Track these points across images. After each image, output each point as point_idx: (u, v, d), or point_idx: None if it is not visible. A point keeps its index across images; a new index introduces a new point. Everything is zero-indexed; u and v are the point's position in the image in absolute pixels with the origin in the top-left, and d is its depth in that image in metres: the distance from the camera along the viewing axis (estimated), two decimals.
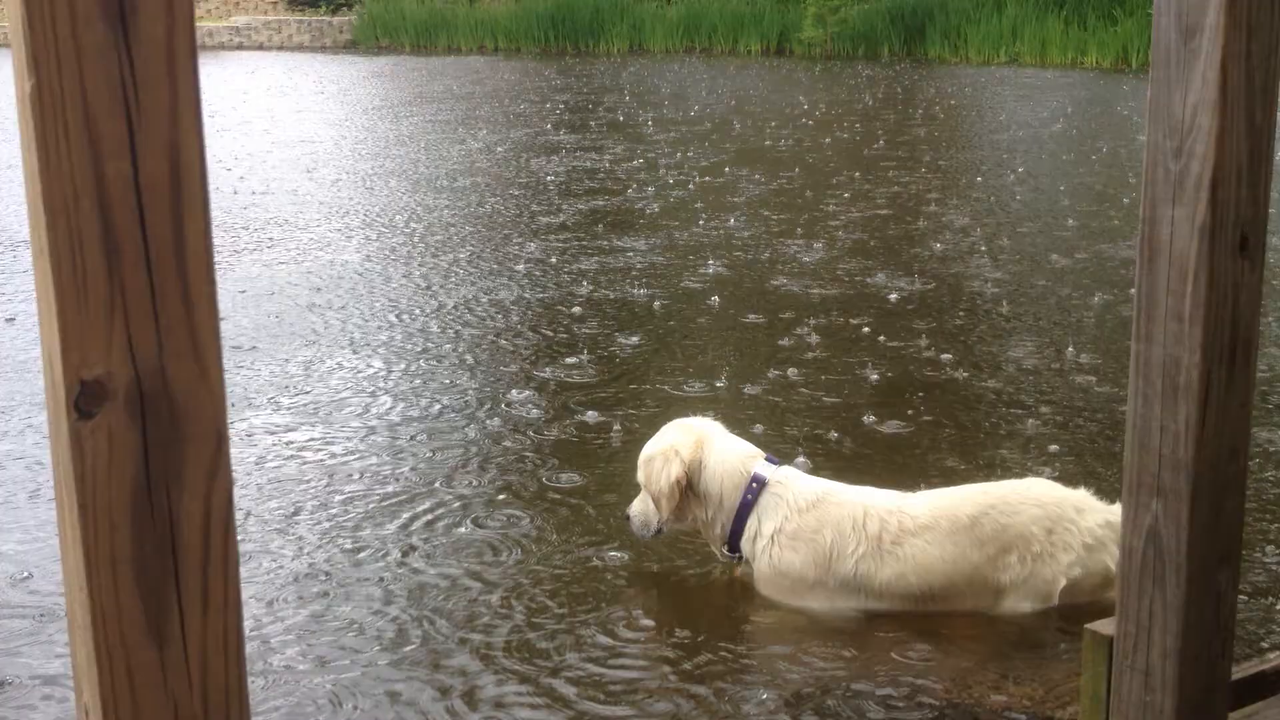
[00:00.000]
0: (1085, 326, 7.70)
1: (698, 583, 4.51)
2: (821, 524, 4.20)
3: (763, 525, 4.28)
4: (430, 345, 7.35)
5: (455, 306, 8.18)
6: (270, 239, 10.36)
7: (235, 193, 12.36)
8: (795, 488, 4.30)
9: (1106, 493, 4.40)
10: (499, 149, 15.56)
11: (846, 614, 4.18)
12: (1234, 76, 2.00)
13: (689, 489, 4.39)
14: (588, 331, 7.57)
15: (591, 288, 8.62)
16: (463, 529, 4.82)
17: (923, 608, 4.14)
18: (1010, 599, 4.14)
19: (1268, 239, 2.13)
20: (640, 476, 4.49)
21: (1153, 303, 2.16)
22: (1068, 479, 4.60)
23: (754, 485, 4.32)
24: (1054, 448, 5.60)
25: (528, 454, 5.60)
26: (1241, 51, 1.99)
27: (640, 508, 4.52)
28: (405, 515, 4.94)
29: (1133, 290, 2.25)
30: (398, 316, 7.96)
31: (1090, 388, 6.49)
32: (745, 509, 4.32)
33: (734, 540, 4.37)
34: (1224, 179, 2.05)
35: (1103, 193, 12.48)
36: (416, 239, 10.33)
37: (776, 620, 4.20)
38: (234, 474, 1.30)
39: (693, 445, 4.41)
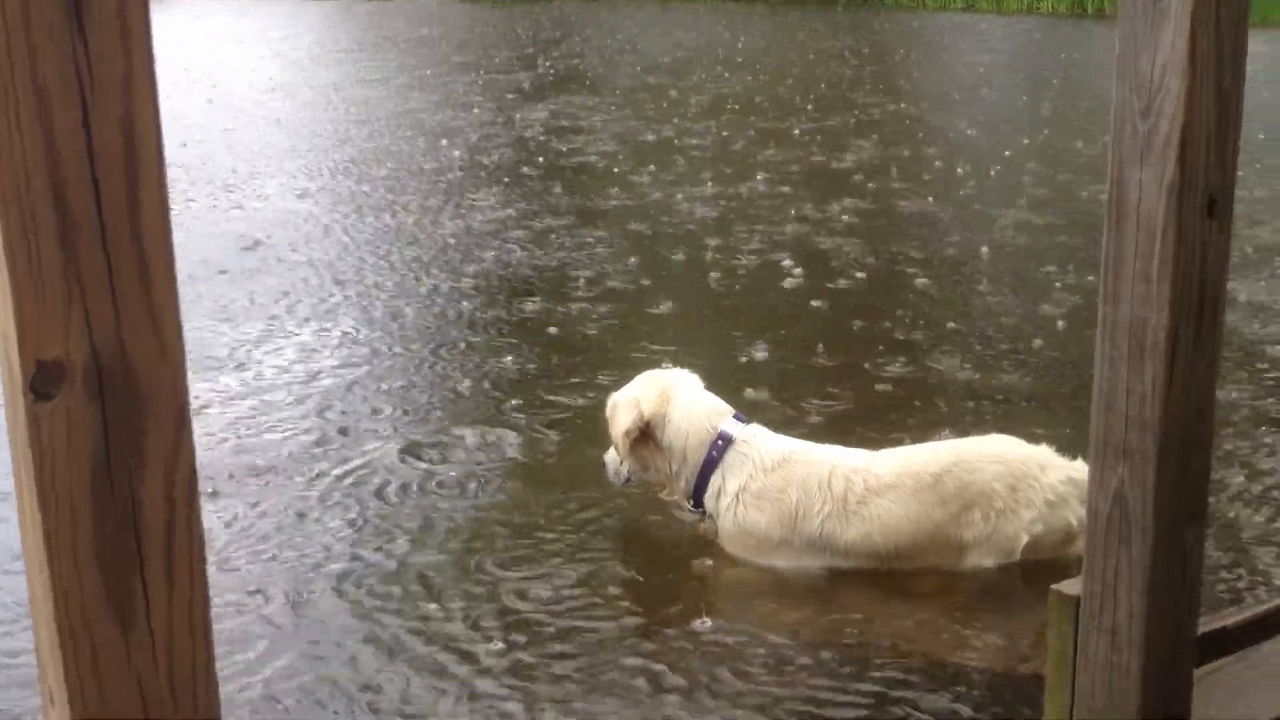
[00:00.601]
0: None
1: (662, 537, 4.52)
2: (787, 483, 4.21)
3: (727, 483, 4.28)
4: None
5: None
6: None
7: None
8: (761, 446, 4.31)
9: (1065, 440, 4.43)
10: (434, 107, 15.40)
11: (811, 572, 4.19)
12: (1203, 43, 1.98)
13: (653, 441, 4.38)
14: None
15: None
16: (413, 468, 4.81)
17: (888, 565, 4.16)
18: (973, 555, 4.17)
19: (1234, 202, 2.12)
20: (607, 419, 4.53)
21: (1120, 263, 2.16)
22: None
23: (719, 442, 4.32)
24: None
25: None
26: (1211, 17, 1.98)
27: (613, 454, 4.56)
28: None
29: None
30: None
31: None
32: (709, 465, 4.32)
33: (698, 496, 4.37)
34: (1192, 141, 2.04)
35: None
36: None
37: (741, 577, 4.21)
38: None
39: (657, 398, 4.40)
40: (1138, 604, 2.23)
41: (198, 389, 5.78)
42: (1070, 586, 2.40)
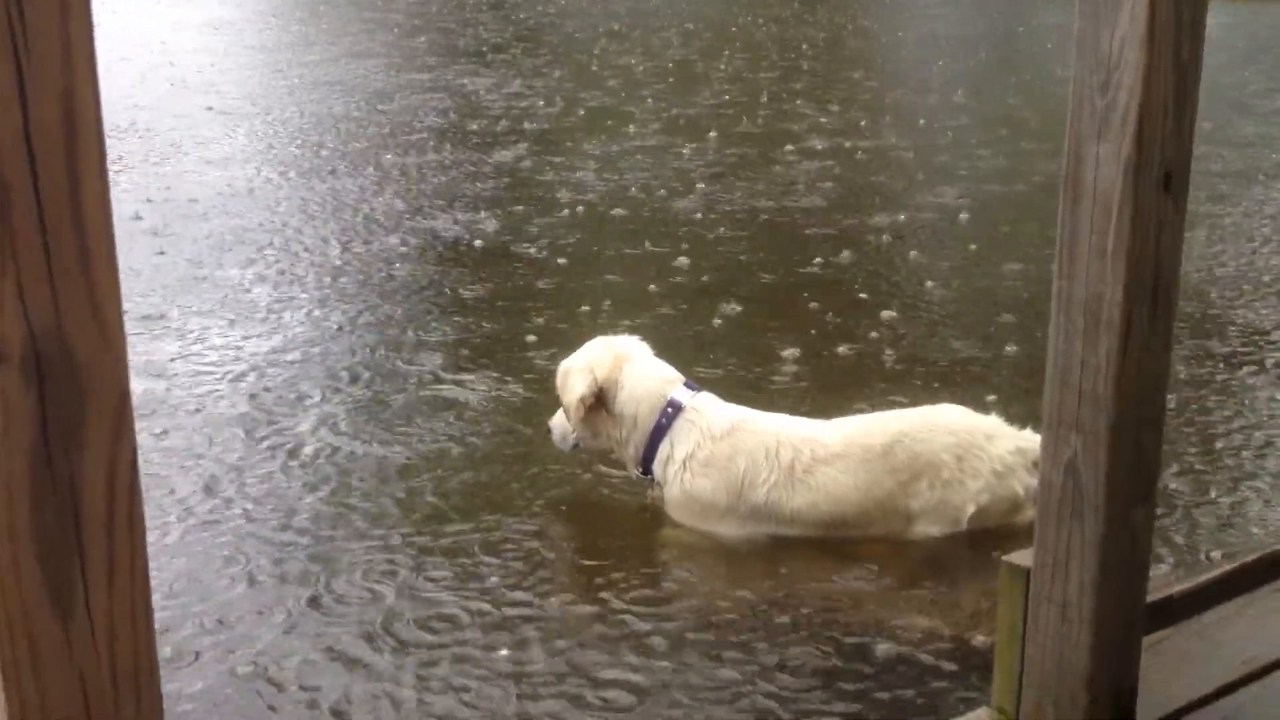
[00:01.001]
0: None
1: (612, 503, 4.51)
2: (735, 451, 4.20)
3: (675, 450, 4.27)
4: None
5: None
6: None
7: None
8: (710, 415, 4.30)
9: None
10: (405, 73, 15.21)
11: (758, 540, 4.20)
12: (1162, 12, 1.97)
13: (604, 408, 4.37)
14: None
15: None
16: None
17: (835, 533, 4.17)
18: (920, 524, 4.18)
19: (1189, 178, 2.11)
20: (558, 386, 4.49)
21: (1076, 239, 2.15)
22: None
23: (669, 410, 4.31)
24: None
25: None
26: None
27: (560, 420, 4.53)
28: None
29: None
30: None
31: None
32: (659, 433, 4.32)
33: (646, 463, 4.36)
34: (1150, 115, 2.03)
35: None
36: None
37: (690, 548, 4.20)
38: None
39: (610, 364, 4.38)
40: (1089, 578, 2.24)
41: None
42: (1021, 558, 2.40)
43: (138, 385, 5.11)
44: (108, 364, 1.21)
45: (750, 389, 5.22)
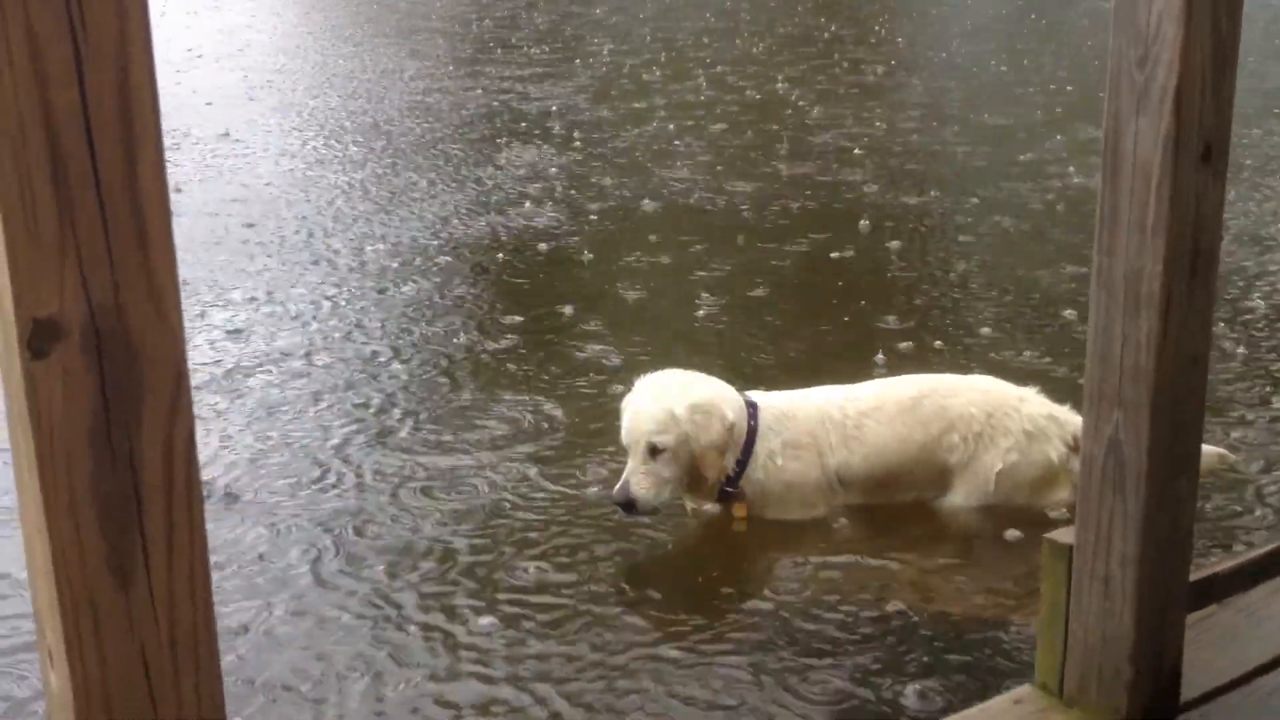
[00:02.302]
0: None
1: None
2: (802, 429, 4.25)
3: (770, 444, 4.24)
4: None
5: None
6: None
7: None
8: (771, 403, 4.33)
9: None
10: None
11: (835, 510, 4.25)
12: None
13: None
14: None
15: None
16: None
17: (886, 497, 4.24)
18: (955, 484, 4.23)
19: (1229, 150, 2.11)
20: (670, 438, 4.05)
21: (1116, 214, 2.15)
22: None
23: (751, 409, 4.28)
24: None
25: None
26: None
27: (649, 479, 4.07)
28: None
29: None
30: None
31: None
32: (752, 435, 4.23)
33: (736, 478, 4.21)
34: (1189, 88, 2.02)
35: None
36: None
37: (733, 539, 4.21)
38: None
39: (718, 392, 4.24)
40: (1131, 552, 2.24)
41: None
42: (1064, 535, 2.41)
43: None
44: (165, 340, 1.24)
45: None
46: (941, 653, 3.52)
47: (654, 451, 4.05)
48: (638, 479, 4.05)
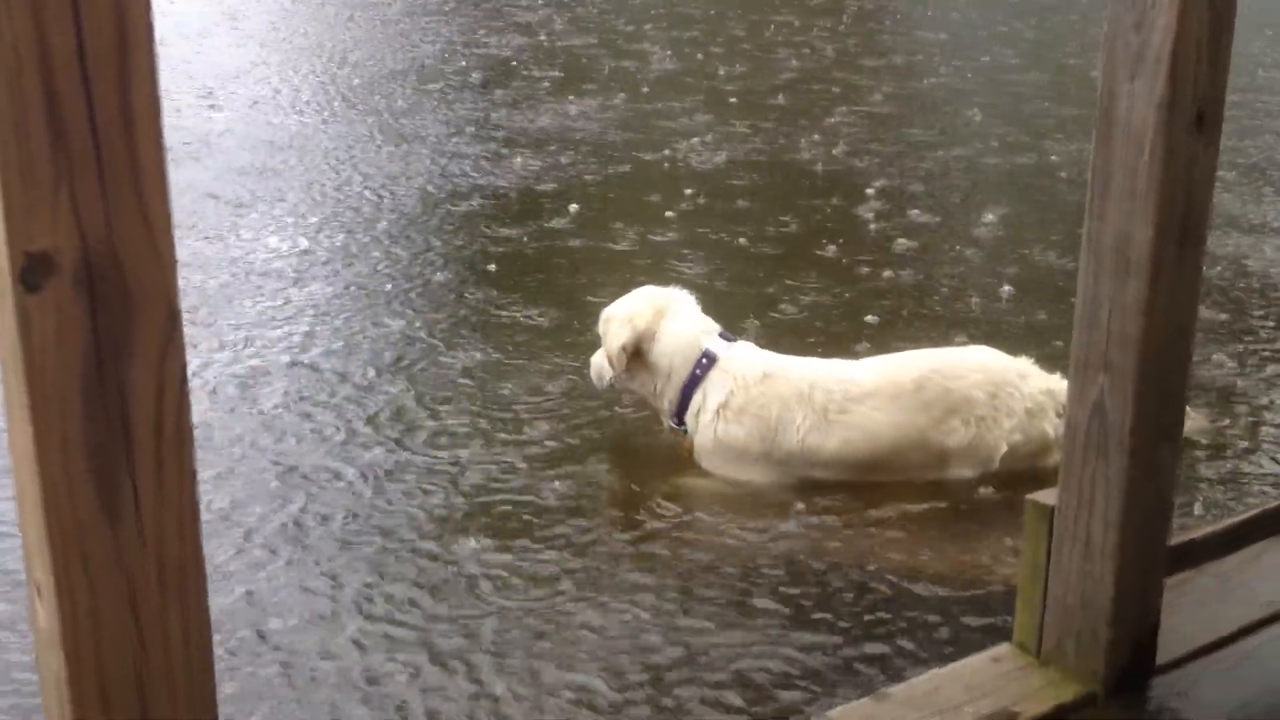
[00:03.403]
0: None
1: (642, 453, 4.54)
2: (768, 398, 4.23)
3: (708, 400, 4.30)
4: None
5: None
6: None
7: None
8: (744, 364, 4.33)
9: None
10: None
11: (790, 484, 4.23)
12: None
13: (642, 358, 4.40)
14: None
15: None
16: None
17: (870, 476, 4.20)
18: (954, 464, 4.22)
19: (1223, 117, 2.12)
20: (600, 332, 4.53)
21: (1107, 179, 2.15)
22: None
23: (704, 361, 4.33)
24: None
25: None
26: None
27: (598, 360, 4.58)
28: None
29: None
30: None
31: None
32: (693, 384, 4.34)
33: (680, 414, 4.40)
34: (1184, 52, 2.03)
35: None
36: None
37: (720, 496, 4.23)
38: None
39: (651, 315, 4.41)
40: (1113, 515, 2.26)
41: None
42: (1046, 496, 2.43)
43: None
44: (158, 278, 1.24)
45: None
46: (920, 610, 3.55)
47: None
48: (594, 356, 4.62)
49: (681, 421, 4.41)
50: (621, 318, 4.44)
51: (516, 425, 4.61)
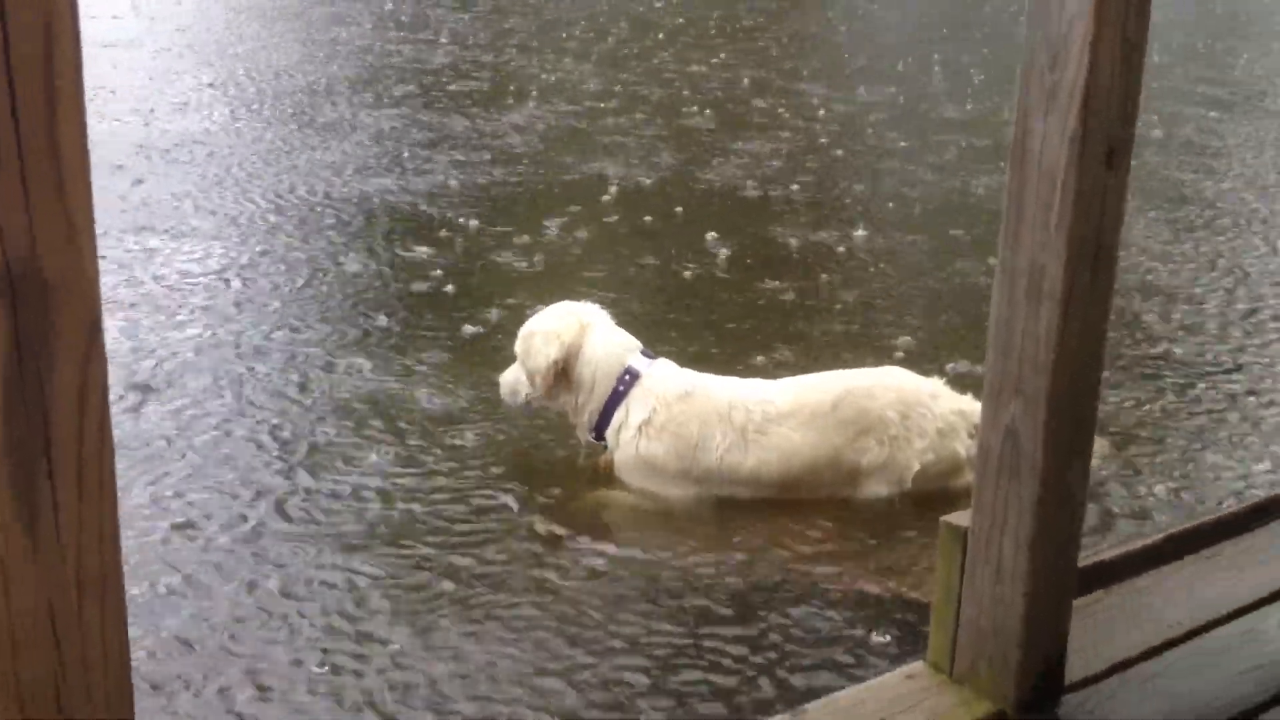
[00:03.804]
0: None
1: (561, 466, 4.56)
2: (689, 416, 4.29)
3: (630, 416, 4.35)
4: None
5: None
6: None
7: None
8: (666, 381, 4.38)
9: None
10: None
11: (707, 501, 4.28)
12: None
13: (564, 374, 4.43)
14: None
15: None
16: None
17: (786, 494, 4.26)
18: (868, 483, 4.29)
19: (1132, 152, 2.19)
20: (518, 349, 4.52)
21: (1021, 209, 2.21)
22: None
23: (626, 377, 4.38)
24: None
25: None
26: None
27: (512, 376, 4.58)
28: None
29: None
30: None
31: None
32: (615, 399, 4.39)
33: (600, 429, 4.43)
34: (1095, 91, 2.09)
35: None
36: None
37: (637, 514, 4.27)
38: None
39: (575, 330, 4.44)
40: (1024, 537, 2.31)
41: None
42: (959, 519, 2.47)
43: None
44: (80, 281, 1.25)
45: None
46: (836, 628, 3.60)
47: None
48: (506, 373, 4.64)
49: (601, 437, 4.43)
50: (546, 333, 4.46)
51: (426, 441, 4.60)
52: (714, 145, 9.58)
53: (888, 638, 3.56)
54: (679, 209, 7.86)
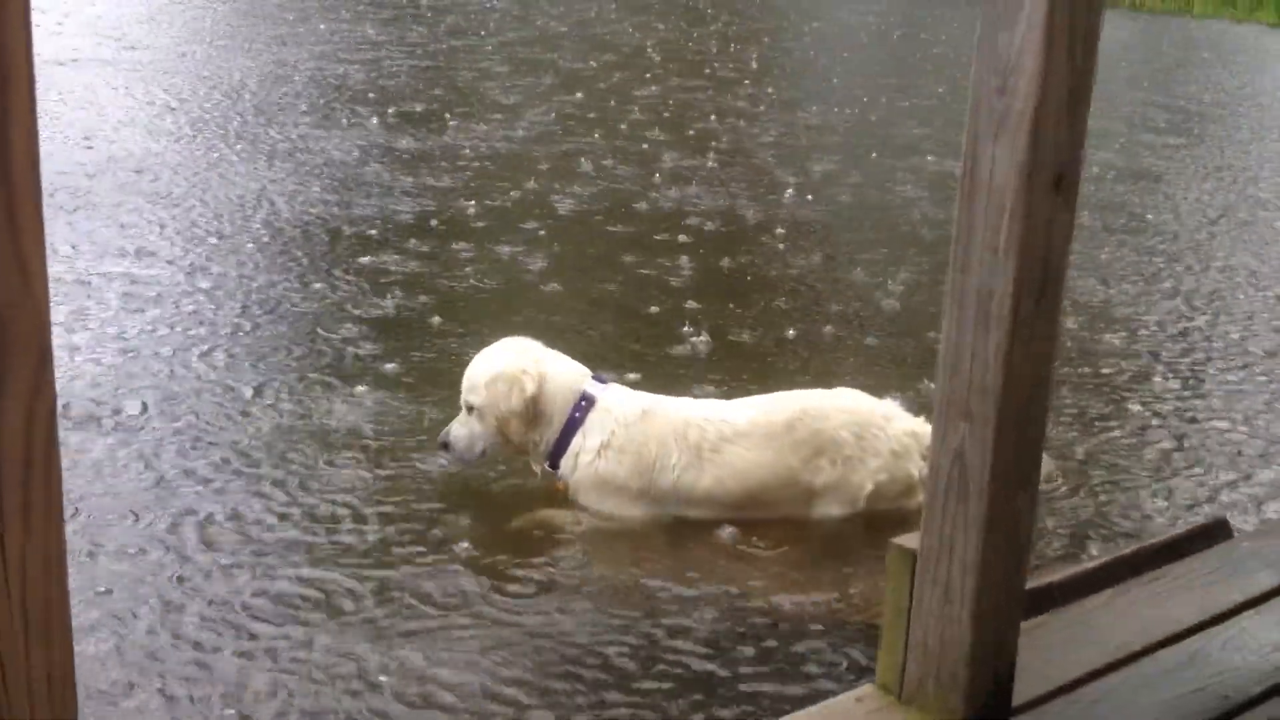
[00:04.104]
0: None
1: (511, 496, 4.53)
2: (647, 437, 4.28)
3: (587, 440, 4.32)
4: None
5: None
6: None
7: None
8: (621, 404, 4.37)
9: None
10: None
11: (665, 520, 4.28)
12: (1059, 18, 2.06)
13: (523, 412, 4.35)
14: None
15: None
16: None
17: (741, 514, 4.27)
18: (821, 503, 4.30)
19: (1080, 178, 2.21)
20: (478, 399, 4.36)
21: (970, 234, 2.23)
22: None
23: (582, 403, 4.35)
24: None
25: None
26: None
27: (465, 431, 4.40)
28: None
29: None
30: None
31: None
32: (572, 426, 4.35)
33: (556, 457, 4.39)
34: (1044, 118, 2.11)
35: None
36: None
37: (587, 536, 4.25)
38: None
39: (536, 371, 4.39)
40: (971, 559, 2.33)
41: None
42: (909, 540, 2.49)
43: None
44: (30, 316, 1.24)
45: None
46: (785, 649, 3.60)
47: (469, 409, 4.38)
48: (455, 429, 4.41)
49: (555, 465, 4.40)
50: (511, 374, 4.35)
51: (363, 468, 4.54)
52: (663, 165, 9.61)
53: (840, 660, 3.57)
54: (622, 228, 7.89)
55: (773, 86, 14.03)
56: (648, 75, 13.74)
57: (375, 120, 10.41)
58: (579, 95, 12.20)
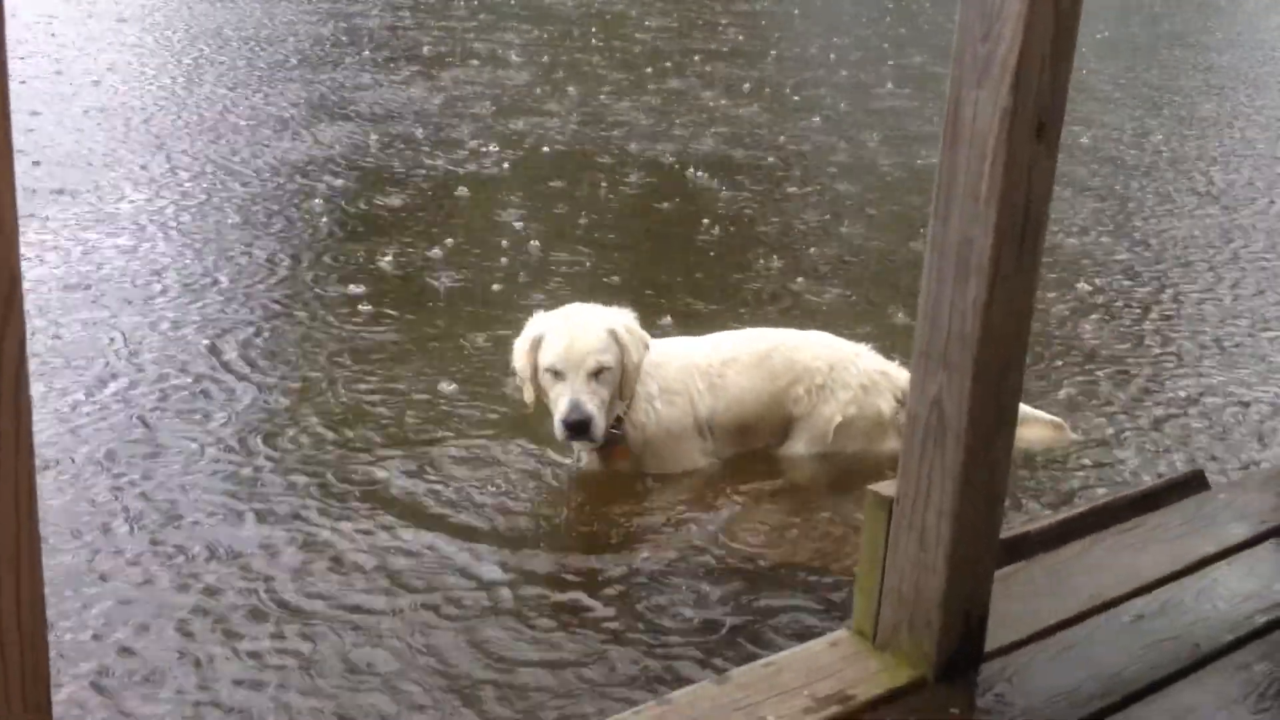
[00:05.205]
0: None
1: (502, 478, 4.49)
2: (675, 375, 4.32)
3: (649, 388, 4.26)
4: None
5: None
6: None
7: None
8: (657, 350, 4.39)
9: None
10: None
11: (703, 462, 4.35)
12: None
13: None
14: None
15: None
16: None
17: (740, 446, 4.38)
18: (795, 435, 4.35)
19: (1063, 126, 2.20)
20: (610, 357, 4.06)
21: (952, 182, 2.22)
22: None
23: None
24: None
25: None
26: None
27: (596, 400, 4.05)
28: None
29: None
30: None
31: None
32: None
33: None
34: (1028, 64, 2.10)
35: None
36: None
37: (571, 486, 4.25)
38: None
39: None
40: (947, 505, 2.33)
41: None
42: (886, 488, 2.50)
43: None
44: None
45: None
46: (762, 595, 3.62)
47: (597, 373, 4.03)
48: (586, 404, 3.99)
49: (620, 425, 4.24)
50: (632, 325, 4.20)
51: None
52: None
53: (819, 605, 3.59)
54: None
55: None
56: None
57: (360, 134, 10.27)
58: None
